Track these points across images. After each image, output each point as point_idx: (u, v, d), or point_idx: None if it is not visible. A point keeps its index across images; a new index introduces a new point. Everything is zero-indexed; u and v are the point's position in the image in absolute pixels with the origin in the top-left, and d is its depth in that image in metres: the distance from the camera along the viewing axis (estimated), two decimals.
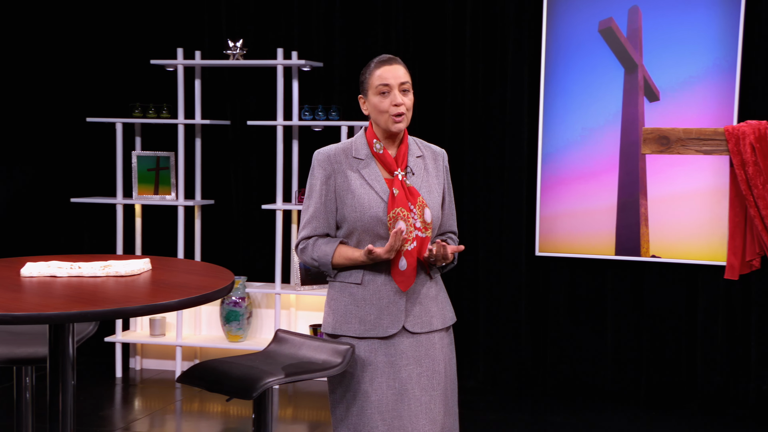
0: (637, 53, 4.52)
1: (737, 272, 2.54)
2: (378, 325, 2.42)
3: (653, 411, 4.54)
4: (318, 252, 2.45)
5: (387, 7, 4.95)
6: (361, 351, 2.42)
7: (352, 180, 2.44)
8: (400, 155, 2.47)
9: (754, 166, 2.44)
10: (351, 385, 2.42)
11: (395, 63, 2.46)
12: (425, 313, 2.46)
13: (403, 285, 2.40)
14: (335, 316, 2.46)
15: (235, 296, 4.93)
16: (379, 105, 2.42)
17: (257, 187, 5.20)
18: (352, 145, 2.50)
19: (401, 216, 2.39)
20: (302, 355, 2.38)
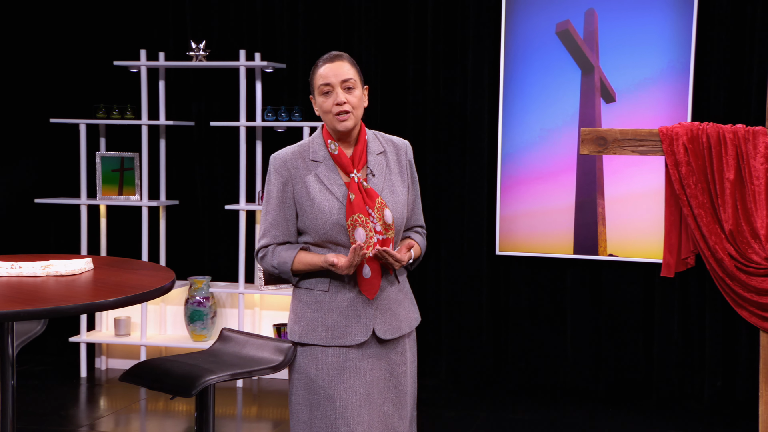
0: (593, 55, 4.59)
1: (673, 270, 2.60)
2: (346, 334, 2.36)
3: (611, 407, 4.61)
4: (277, 259, 2.38)
5: (349, 9, 5.00)
6: (328, 358, 2.36)
7: (310, 185, 2.36)
8: (356, 155, 2.38)
9: (686, 166, 2.50)
10: (315, 388, 2.37)
11: (339, 60, 2.37)
12: (394, 319, 2.40)
13: (369, 293, 2.34)
14: (301, 324, 2.40)
15: (199, 296, 4.95)
16: (323, 105, 2.36)
17: (222, 188, 5.23)
18: (309, 147, 2.41)
19: (359, 222, 2.32)
20: (245, 354, 2.42)
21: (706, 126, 2.51)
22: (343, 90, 2.34)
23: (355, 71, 2.38)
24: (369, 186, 2.37)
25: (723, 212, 2.46)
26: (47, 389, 4.83)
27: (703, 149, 2.49)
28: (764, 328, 2.49)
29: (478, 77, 4.81)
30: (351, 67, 2.37)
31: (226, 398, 4.80)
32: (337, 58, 2.38)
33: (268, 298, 5.08)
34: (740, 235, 2.45)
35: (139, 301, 2.01)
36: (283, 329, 4.92)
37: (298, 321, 2.41)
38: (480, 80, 4.81)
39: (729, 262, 2.47)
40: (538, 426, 4.32)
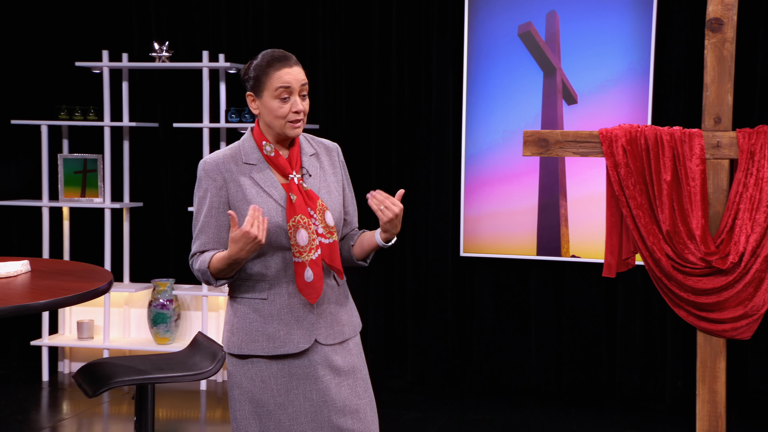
0: (555, 57, 4.63)
1: (614, 270, 2.64)
2: (288, 341, 2.28)
3: (574, 408, 4.66)
4: (199, 264, 2.28)
5: (314, 11, 5.03)
6: (273, 367, 2.28)
7: (246, 188, 2.27)
8: (293, 157, 2.32)
9: (625, 167, 2.55)
10: (262, 400, 2.27)
11: (295, 64, 2.31)
12: (336, 323, 2.35)
13: (311, 297, 2.26)
14: (241, 336, 2.29)
15: (163, 299, 4.97)
16: (278, 110, 2.26)
17: (186, 190, 5.24)
18: (240, 150, 2.32)
19: (302, 224, 2.26)
20: (184, 359, 2.42)
21: (644, 128, 2.55)
22: (299, 97, 2.29)
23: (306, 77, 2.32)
24: (308, 188, 2.31)
25: (660, 213, 2.51)
26: (7, 394, 4.82)
27: (641, 151, 2.53)
28: (700, 328, 2.53)
29: (443, 79, 4.85)
30: (302, 71, 2.32)
31: (190, 401, 4.82)
32: (293, 61, 2.31)
33: None
34: (677, 236, 2.49)
35: (72, 303, 2.03)
36: None
37: (235, 332, 2.31)
38: (444, 82, 4.85)
39: (666, 262, 2.51)
40: (500, 427, 4.36)
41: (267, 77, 2.28)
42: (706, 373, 2.53)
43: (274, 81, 2.27)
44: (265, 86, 2.28)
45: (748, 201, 2.44)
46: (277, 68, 2.28)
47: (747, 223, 2.44)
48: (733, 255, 2.44)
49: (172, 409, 4.72)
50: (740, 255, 2.44)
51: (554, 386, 4.81)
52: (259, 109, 2.31)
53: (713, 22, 2.46)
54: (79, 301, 2.05)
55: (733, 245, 2.44)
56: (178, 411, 4.70)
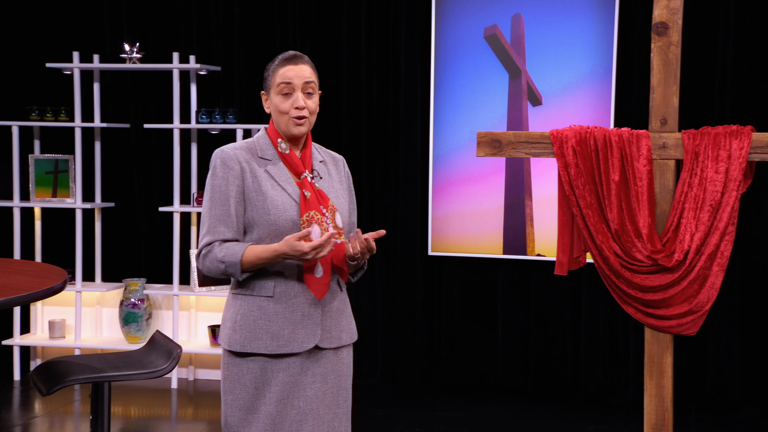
0: (520, 59, 4.67)
1: (566, 268, 2.68)
2: (293, 340, 2.26)
3: (539, 404, 4.70)
4: (224, 252, 2.23)
5: (284, 14, 5.04)
6: (269, 370, 2.26)
7: (262, 181, 2.27)
8: (306, 157, 2.33)
9: (575, 167, 2.58)
10: (254, 405, 2.26)
11: (301, 62, 2.29)
12: (336, 328, 2.34)
13: (318, 293, 2.26)
14: (243, 333, 2.26)
15: (134, 298, 4.97)
16: (280, 106, 2.27)
17: (158, 190, 5.24)
18: (256, 145, 2.33)
19: (315, 219, 2.26)
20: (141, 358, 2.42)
21: (594, 129, 2.59)
22: (303, 94, 2.27)
23: (315, 76, 2.32)
24: (320, 188, 2.32)
25: (609, 212, 2.54)
26: None
27: (590, 152, 2.57)
28: (648, 324, 2.57)
29: (411, 80, 4.87)
30: (312, 71, 2.31)
31: (161, 399, 4.81)
32: (300, 59, 2.30)
33: (204, 300, 5.10)
34: (625, 234, 2.53)
35: (24, 302, 2.03)
36: (219, 330, 4.95)
37: (238, 330, 2.27)
38: (412, 83, 4.87)
39: (614, 260, 2.55)
40: (468, 423, 4.39)
41: (274, 74, 2.31)
42: (653, 368, 2.56)
43: (277, 78, 2.29)
44: (272, 83, 2.30)
45: (693, 200, 2.48)
46: (282, 65, 2.29)
47: (692, 222, 2.48)
48: (678, 253, 2.48)
49: (143, 407, 4.71)
50: (685, 253, 2.48)
51: (521, 383, 4.85)
52: (270, 108, 2.33)
53: (659, 26, 2.50)
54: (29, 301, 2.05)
55: (679, 243, 2.48)
56: (149, 409, 4.70)
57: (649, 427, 2.54)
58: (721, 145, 2.46)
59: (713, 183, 2.46)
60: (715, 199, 2.46)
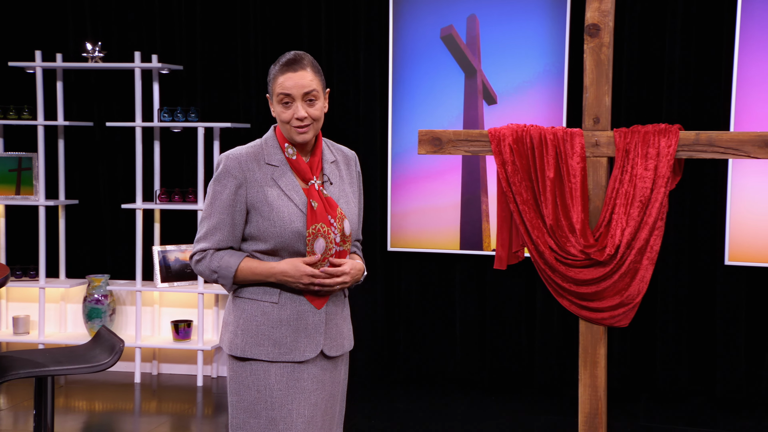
0: (475, 59, 4.71)
1: (505, 263, 2.71)
2: (294, 349, 2.20)
3: (494, 395, 4.75)
4: (218, 263, 2.18)
5: (245, 13, 5.04)
6: (272, 376, 2.19)
7: (268, 191, 2.19)
8: (315, 162, 2.24)
9: (512, 165, 2.62)
10: (257, 410, 2.19)
11: (300, 68, 2.18)
12: (339, 335, 2.29)
13: (316, 303, 2.20)
14: (245, 338, 2.20)
15: (98, 294, 4.96)
16: (282, 115, 2.19)
17: (123, 187, 5.23)
18: (263, 150, 2.24)
19: (321, 232, 2.19)
20: (84, 352, 2.43)
21: (530, 128, 2.63)
22: (304, 102, 2.18)
23: (318, 80, 2.20)
24: (328, 195, 2.24)
25: (545, 208, 2.58)
26: None
27: (527, 150, 2.60)
28: (582, 316, 2.62)
29: (370, 80, 4.90)
30: (314, 75, 2.19)
31: (125, 393, 4.81)
32: (299, 65, 2.19)
33: (167, 296, 5.10)
34: (559, 229, 2.57)
35: None
36: (182, 326, 4.95)
37: (240, 334, 2.21)
38: (372, 83, 4.90)
39: (549, 254, 2.59)
40: (424, 414, 4.43)
41: (274, 82, 2.22)
42: (587, 359, 2.61)
43: (276, 87, 2.21)
44: (272, 91, 2.23)
45: (624, 196, 2.53)
46: (282, 72, 2.20)
47: (623, 217, 2.52)
48: (609, 247, 2.52)
49: (107, 401, 4.70)
50: (616, 247, 2.52)
51: (477, 374, 4.90)
52: (274, 113, 2.24)
53: (591, 27, 2.54)
54: None
55: (610, 238, 2.53)
56: (113, 403, 4.69)
57: (584, 415, 2.59)
58: (651, 143, 2.51)
59: (643, 180, 2.51)
60: (645, 195, 2.51)
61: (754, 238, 4.33)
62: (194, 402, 4.70)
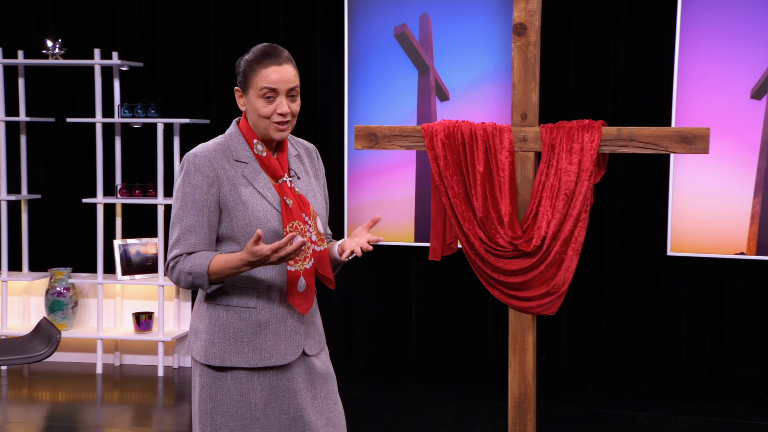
0: (428, 57, 4.74)
1: (439, 254, 2.75)
2: (275, 353, 2.08)
3: (448, 383, 4.79)
4: (191, 262, 2.01)
5: (204, 10, 5.04)
6: (255, 378, 2.08)
7: (241, 189, 2.04)
8: (283, 159, 2.11)
9: (444, 159, 2.65)
10: (238, 414, 2.08)
11: (285, 62, 2.05)
12: (316, 331, 2.18)
13: (302, 308, 2.08)
14: (223, 346, 2.06)
15: (60, 287, 4.94)
16: (261, 110, 2.03)
17: (86, 182, 5.21)
18: (229, 146, 2.08)
19: (299, 230, 2.05)
20: (23, 344, 2.43)
21: (461, 123, 2.66)
22: (287, 98, 2.05)
23: (298, 75, 2.08)
24: (300, 192, 2.11)
25: (475, 201, 2.62)
26: None
27: (458, 145, 2.64)
28: (511, 305, 2.66)
29: (327, 77, 4.91)
30: (295, 71, 2.07)
31: (87, 384, 4.80)
32: (282, 58, 2.05)
33: (129, 288, 5.09)
34: (489, 222, 2.61)
35: None
36: (143, 317, 4.95)
37: (216, 342, 2.06)
38: (329, 80, 4.91)
39: (480, 245, 2.63)
40: (379, 402, 4.47)
41: (253, 74, 2.04)
42: (516, 346, 2.65)
43: (259, 80, 2.03)
44: (251, 83, 2.04)
45: (550, 190, 2.57)
46: (264, 65, 2.03)
47: (548, 209, 2.56)
48: (536, 239, 2.56)
49: (68, 392, 4.70)
50: (542, 238, 2.57)
51: (432, 363, 4.94)
52: (246, 106, 2.08)
53: (518, 26, 2.58)
54: None
55: (537, 230, 2.57)
56: (76, 393, 4.68)
57: (513, 400, 2.63)
58: (575, 138, 2.55)
59: (567, 173, 2.55)
60: (570, 189, 2.55)
61: (695, 229, 4.41)
62: (155, 391, 4.70)
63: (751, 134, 4.30)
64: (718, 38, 4.30)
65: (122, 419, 4.25)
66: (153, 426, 4.22)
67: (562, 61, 4.65)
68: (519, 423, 2.60)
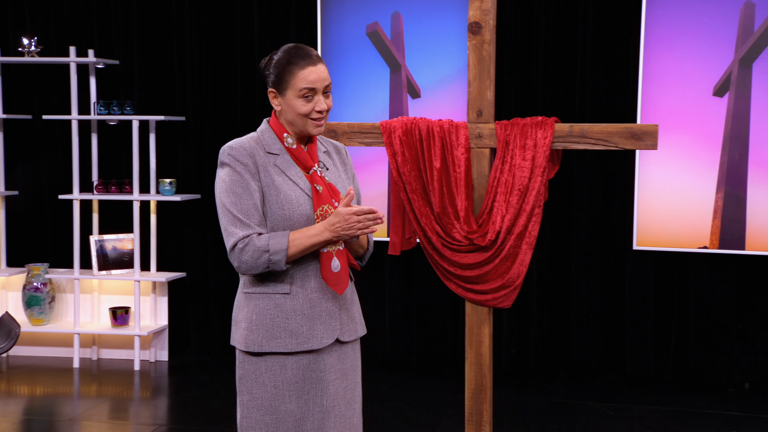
0: (400, 54, 4.75)
1: (399, 249, 2.77)
2: (312, 337, 2.12)
3: (419, 375, 4.81)
4: (268, 240, 2.07)
5: (180, 8, 5.03)
6: (288, 370, 2.12)
7: (274, 176, 2.13)
8: (312, 151, 2.19)
9: (402, 156, 2.67)
10: (273, 406, 2.13)
11: (319, 62, 2.14)
12: (351, 320, 2.22)
13: (338, 288, 2.12)
14: (261, 332, 2.12)
15: (37, 282, 4.93)
16: (301, 109, 2.12)
17: (63, 178, 5.20)
18: (261, 140, 2.17)
19: (329, 214, 2.12)
20: None
21: (419, 120, 2.67)
22: (323, 95, 2.14)
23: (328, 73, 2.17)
24: (330, 181, 2.19)
25: (433, 197, 2.63)
26: None
27: (415, 141, 2.65)
28: (467, 298, 2.68)
29: None
30: (326, 69, 2.17)
31: (65, 378, 4.80)
32: (317, 59, 2.15)
33: (107, 283, 5.09)
34: (446, 216, 2.62)
35: None
36: (119, 312, 4.94)
37: (254, 329, 2.12)
38: None
39: (437, 240, 2.64)
40: None
41: (291, 75, 2.12)
42: (472, 338, 2.67)
43: (298, 81, 2.11)
44: (289, 84, 2.12)
45: (504, 185, 2.58)
46: (302, 66, 2.12)
47: (503, 205, 2.58)
48: (491, 233, 2.58)
49: (46, 385, 4.69)
50: (497, 233, 2.58)
51: (406, 356, 4.96)
52: (281, 106, 2.16)
53: (473, 25, 2.59)
54: None
55: (491, 225, 2.59)
56: (53, 387, 4.67)
57: (470, 391, 2.65)
58: (528, 135, 2.57)
59: (521, 169, 2.56)
60: (523, 184, 2.56)
61: (660, 224, 4.44)
62: (132, 385, 4.70)
63: (713, 131, 4.34)
64: (682, 37, 4.34)
65: (99, 412, 4.25)
66: (129, 419, 4.22)
67: (531, 59, 4.67)
68: (475, 413, 2.62)
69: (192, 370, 4.92)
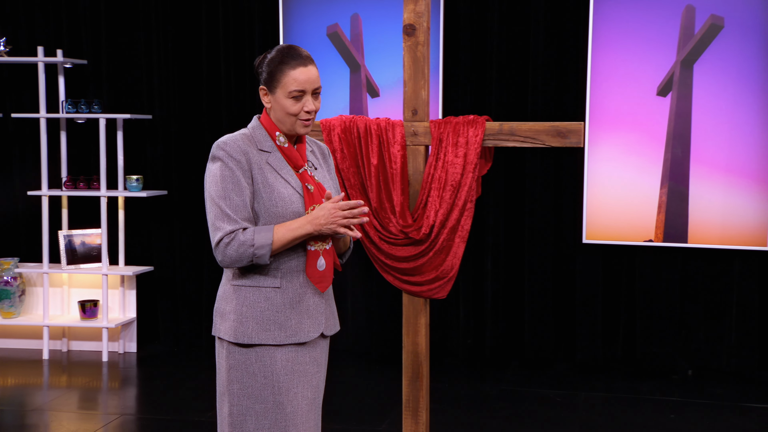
0: (359, 55, 4.78)
1: None
2: (299, 330, 2.14)
3: (379, 366, 4.86)
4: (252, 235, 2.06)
5: (147, 8, 5.03)
6: (278, 361, 2.12)
7: (267, 174, 2.12)
8: (302, 150, 2.19)
9: (341, 153, 2.70)
10: (262, 396, 2.13)
11: (311, 64, 2.13)
12: (332, 315, 2.24)
13: (321, 286, 2.14)
14: (252, 324, 2.11)
15: (7, 276, 4.93)
16: (290, 108, 2.11)
17: (34, 175, 5.20)
18: (253, 137, 2.16)
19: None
20: None
21: (357, 119, 2.71)
22: (312, 96, 2.13)
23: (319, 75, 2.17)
24: (318, 181, 2.20)
25: (370, 192, 2.67)
26: None
27: (354, 139, 2.69)
28: (404, 290, 2.72)
29: None
30: (317, 71, 2.16)
31: (35, 369, 4.80)
32: (309, 60, 2.14)
33: (77, 277, 5.09)
34: (383, 211, 2.67)
35: None
36: (88, 305, 4.96)
37: (244, 321, 2.12)
38: None
39: (374, 234, 2.68)
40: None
41: (282, 75, 2.11)
42: (409, 328, 2.71)
43: (289, 81, 2.10)
44: (280, 83, 2.11)
45: (438, 181, 2.63)
46: (293, 66, 2.11)
47: (436, 200, 2.63)
48: (425, 227, 2.62)
49: (16, 377, 4.69)
50: (431, 227, 2.63)
51: (366, 347, 5.00)
52: (271, 104, 2.15)
53: (408, 27, 2.63)
54: None
55: (426, 219, 2.63)
56: (23, 378, 4.68)
57: (407, 379, 2.70)
58: (460, 133, 2.61)
59: (454, 166, 2.61)
60: (456, 180, 2.61)
61: (608, 218, 4.50)
62: (100, 376, 4.72)
63: (657, 129, 4.41)
64: (627, 39, 4.40)
65: (67, 402, 4.27)
66: (98, 409, 4.24)
67: (485, 60, 4.72)
68: (412, 400, 2.67)
69: (160, 361, 4.95)
